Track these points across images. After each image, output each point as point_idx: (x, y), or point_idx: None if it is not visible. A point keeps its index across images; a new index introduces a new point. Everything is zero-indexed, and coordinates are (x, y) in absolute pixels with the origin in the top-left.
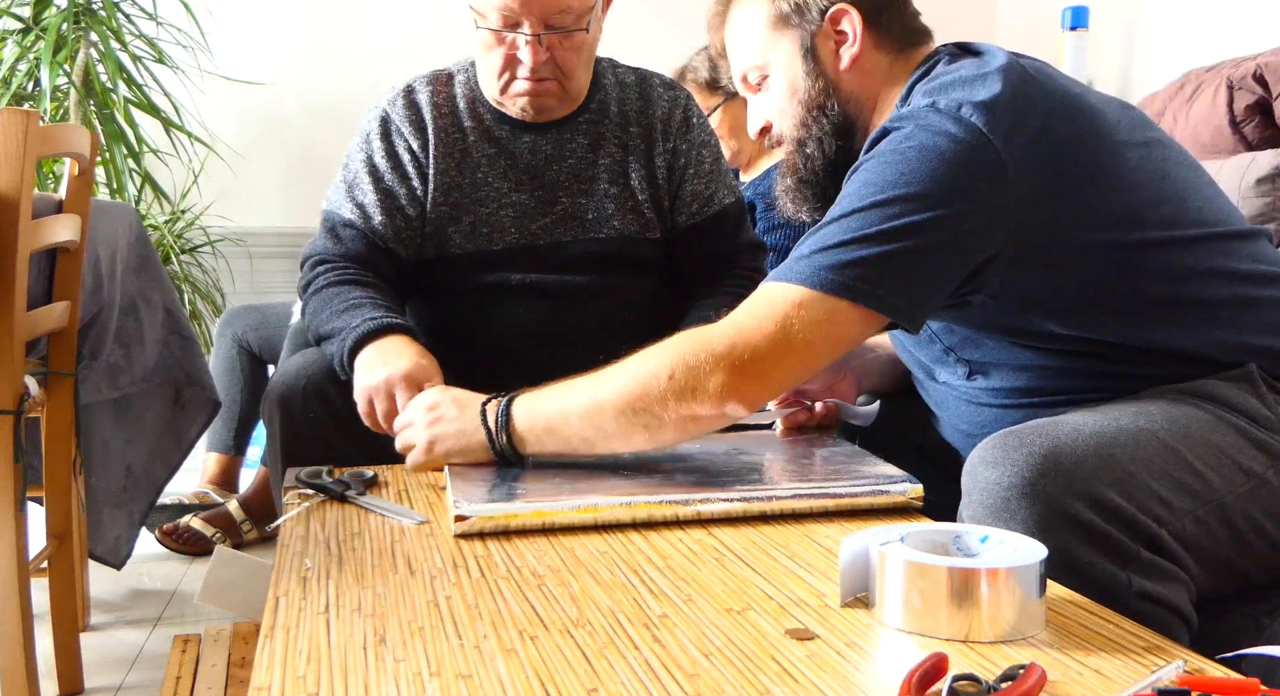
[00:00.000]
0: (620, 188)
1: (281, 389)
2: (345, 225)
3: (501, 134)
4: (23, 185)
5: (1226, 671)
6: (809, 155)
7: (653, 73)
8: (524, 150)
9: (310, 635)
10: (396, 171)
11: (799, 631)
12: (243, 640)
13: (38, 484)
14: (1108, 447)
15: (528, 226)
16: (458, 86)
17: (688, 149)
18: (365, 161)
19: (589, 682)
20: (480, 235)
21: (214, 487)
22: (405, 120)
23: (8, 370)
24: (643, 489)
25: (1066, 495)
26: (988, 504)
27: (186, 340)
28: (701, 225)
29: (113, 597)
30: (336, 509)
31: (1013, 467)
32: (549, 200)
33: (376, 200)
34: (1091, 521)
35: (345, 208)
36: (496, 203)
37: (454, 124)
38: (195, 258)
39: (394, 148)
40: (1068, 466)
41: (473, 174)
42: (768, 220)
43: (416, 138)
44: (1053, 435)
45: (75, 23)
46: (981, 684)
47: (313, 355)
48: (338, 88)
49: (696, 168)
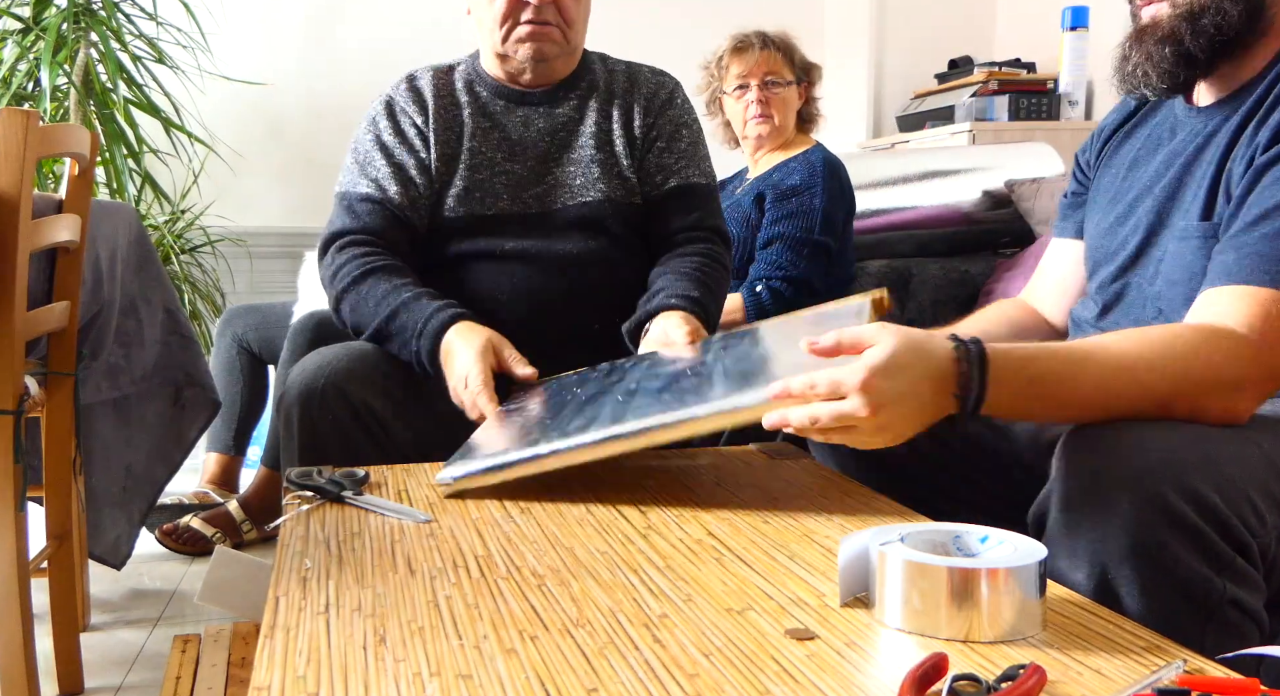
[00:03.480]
0: (605, 153)
1: (301, 387)
2: (362, 200)
3: (495, 109)
4: (23, 185)
5: (1226, 671)
6: (1202, 28)
7: (642, 64)
8: (516, 124)
9: (310, 635)
10: (404, 145)
11: (799, 631)
12: (243, 640)
13: (38, 484)
14: (1212, 448)
15: (519, 195)
16: (457, 73)
17: (664, 124)
18: (374, 140)
19: (589, 682)
20: (474, 199)
21: (214, 487)
22: (408, 101)
23: (8, 370)
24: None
25: (1169, 490)
26: (1085, 488)
27: (186, 340)
28: (663, 197)
29: (113, 597)
30: (337, 508)
31: (1115, 456)
32: (540, 172)
33: (390, 173)
34: (1192, 520)
35: (360, 184)
36: (489, 170)
37: (452, 102)
38: (195, 258)
39: (399, 125)
40: (1173, 460)
41: (468, 143)
42: (777, 209)
43: (419, 115)
44: (1155, 428)
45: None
46: (981, 684)
47: (330, 354)
48: (338, 88)
49: (669, 142)
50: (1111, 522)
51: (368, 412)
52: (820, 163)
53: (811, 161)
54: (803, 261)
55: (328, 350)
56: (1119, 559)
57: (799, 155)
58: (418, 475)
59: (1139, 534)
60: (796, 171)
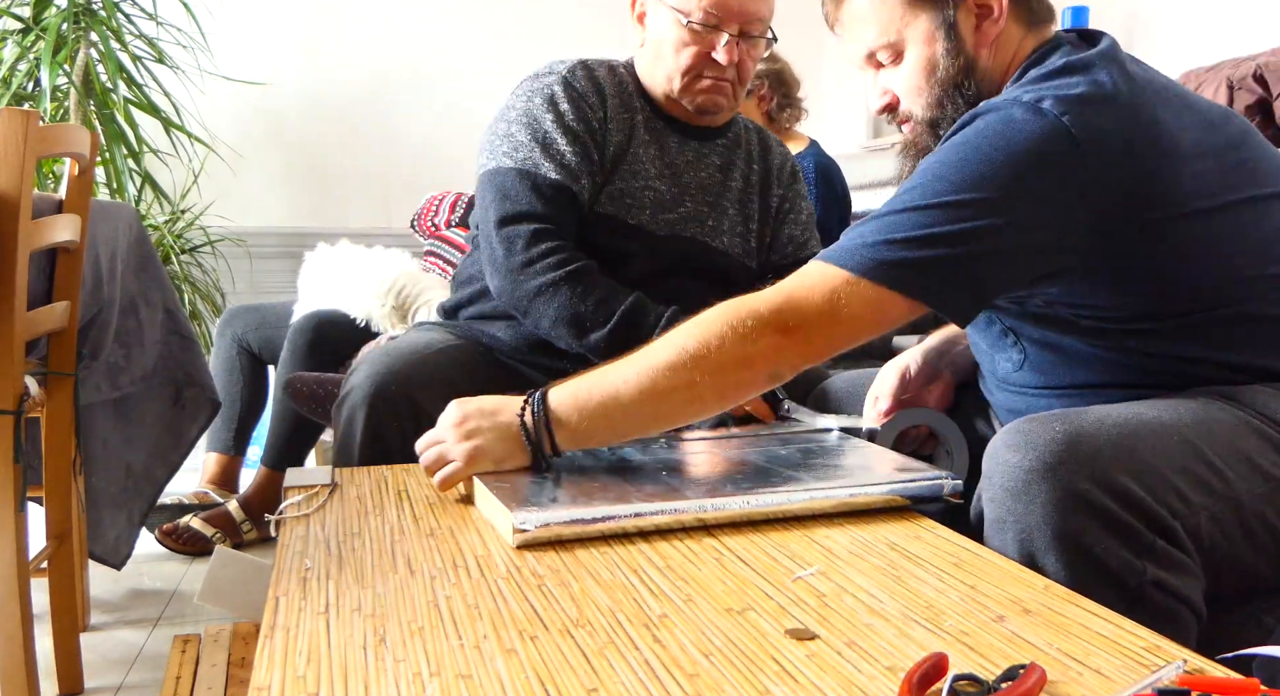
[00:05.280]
0: (741, 213)
1: (370, 390)
2: (550, 186)
3: (657, 126)
4: (23, 185)
5: (1227, 671)
6: (941, 136)
7: (763, 128)
8: (672, 147)
9: (310, 635)
10: (588, 133)
11: (799, 631)
12: (243, 640)
13: (38, 484)
14: (1130, 438)
15: (659, 214)
16: (622, 74)
17: (794, 197)
18: (557, 122)
19: (589, 682)
20: (622, 203)
21: (214, 487)
22: (588, 87)
23: (8, 370)
24: (692, 492)
25: (1085, 481)
26: (1008, 486)
27: (186, 340)
28: (791, 266)
29: (113, 597)
30: (337, 509)
31: (1033, 451)
32: (679, 199)
33: (577, 162)
34: (1109, 508)
35: (546, 166)
36: (643, 181)
37: (625, 102)
38: (195, 258)
39: (582, 111)
40: (1088, 452)
41: (635, 148)
42: None
43: (600, 107)
44: (1076, 422)
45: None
46: (981, 684)
47: (395, 356)
48: (338, 88)
49: (797, 215)
50: (1033, 514)
51: (429, 420)
52: (812, 169)
53: (803, 168)
54: None
55: (391, 351)
56: (1044, 549)
57: None
58: (418, 475)
59: (1059, 522)
60: None
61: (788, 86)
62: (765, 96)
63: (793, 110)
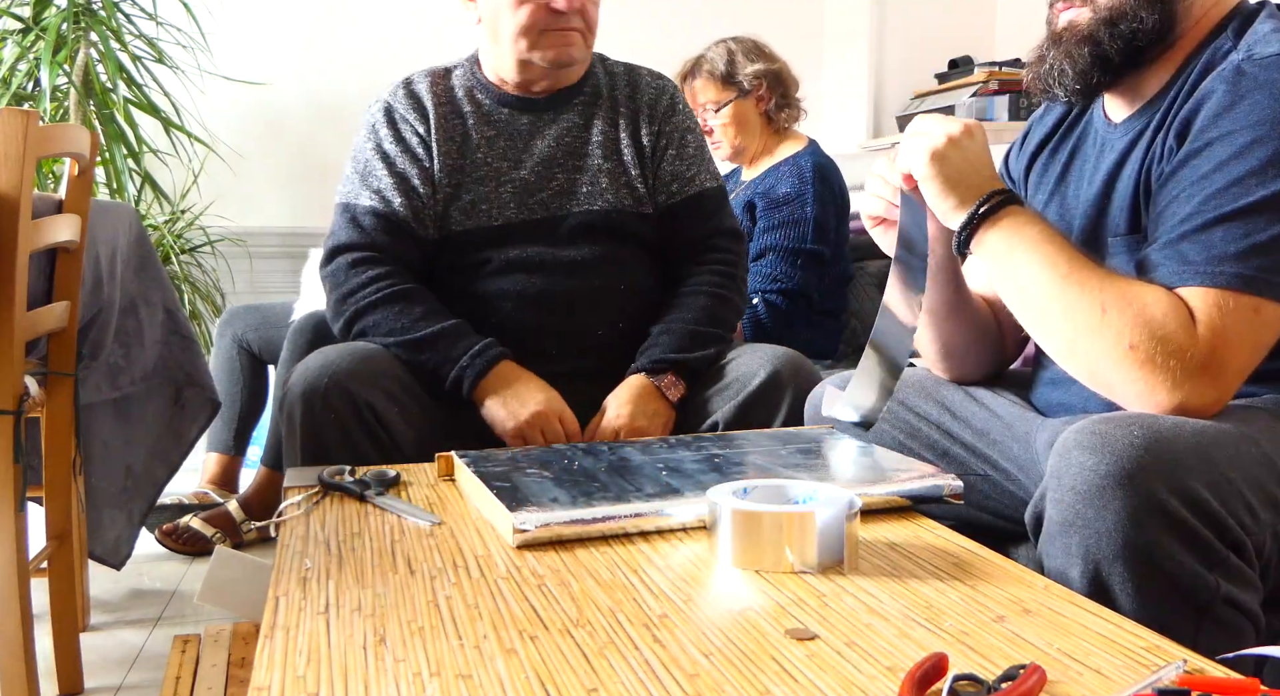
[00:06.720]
0: (613, 163)
1: (304, 386)
2: (366, 213)
3: (500, 116)
4: (23, 185)
5: (1227, 671)
6: (1119, 32)
7: (639, 65)
8: (522, 129)
9: (310, 635)
10: (406, 154)
11: (799, 631)
12: (243, 640)
13: (38, 484)
14: (1208, 447)
15: (525, 201)
16: (455, 78)
17: (671, 131)
18: (375, 149)
19: (589, 682)
20: (479, 212)
21: (214, 487)
22: (408, 107)
23: (8, 370)
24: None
25: (1164, 490)
26: (1079, 489)
27: (186, 340)
28: (679, 205)
29: (113, 597)
30: (337, 508)
31: (1111, 454)
32: (546, 176)
33: (392, 184)
34: (1185, 520)
35: (363, 196)
36: (495, 181)
37: (454, 110)
38: (195, 258)
39: (400, 133)
40: (1169, 460)
41: (473, 154)
42: (768, 218)
43: (420, 123)
44: (1154, 426)
45: (75, 23)
46: (982, 684)
47: (334, 353)
48: (338, 88)
49: (679, 149)
50: (1105, 520)
51: (370, 412)
52: (810, 168)
53: (801, 167)
54: (797, 272)
55: (330, 350)
56: (1112, 556)
57: (789, 159)
58: (417, 474)
59: (1132, 532)
60: (786, 178)
61: (786, 86)
62: (763, 96)
63: (791, 110)
